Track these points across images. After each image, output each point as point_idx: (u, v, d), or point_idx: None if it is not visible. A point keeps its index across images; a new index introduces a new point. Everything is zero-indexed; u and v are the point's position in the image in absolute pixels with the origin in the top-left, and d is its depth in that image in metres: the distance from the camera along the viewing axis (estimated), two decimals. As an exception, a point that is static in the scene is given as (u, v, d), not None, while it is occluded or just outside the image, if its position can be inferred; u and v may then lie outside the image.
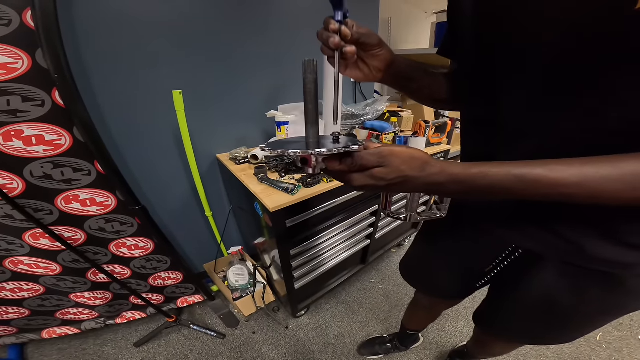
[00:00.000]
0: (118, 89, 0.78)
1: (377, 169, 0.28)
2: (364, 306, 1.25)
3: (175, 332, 1.12)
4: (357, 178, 0.29)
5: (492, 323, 0.58)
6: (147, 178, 0.95)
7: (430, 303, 0.76)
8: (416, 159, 0.28)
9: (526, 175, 0.26)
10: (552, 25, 0.27)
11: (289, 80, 1.13)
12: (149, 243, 0.88)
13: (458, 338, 1.10)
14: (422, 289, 0.73)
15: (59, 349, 1.05)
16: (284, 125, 0.97)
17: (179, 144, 0.94)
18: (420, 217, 0.40)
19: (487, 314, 0.58)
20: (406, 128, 1.24)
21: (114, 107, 0.79)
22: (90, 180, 0.67)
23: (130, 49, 0.76)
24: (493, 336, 0.63)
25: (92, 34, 0.70)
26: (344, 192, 0.86)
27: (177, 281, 1.04)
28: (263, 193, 0.72)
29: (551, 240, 0.37)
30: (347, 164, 0.28)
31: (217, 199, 1.15)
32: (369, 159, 0.28)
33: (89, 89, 0.73)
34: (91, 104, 0.72)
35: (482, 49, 0.35)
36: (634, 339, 1.10)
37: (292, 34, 1.05)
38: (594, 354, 1.04)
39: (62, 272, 0.84)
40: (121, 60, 0.76)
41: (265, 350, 1.05)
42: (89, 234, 0.77)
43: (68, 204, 0.69)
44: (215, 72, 0.93)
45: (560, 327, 0.45)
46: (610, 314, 0.41)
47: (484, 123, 0.39)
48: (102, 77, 0.75)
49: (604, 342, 1.08)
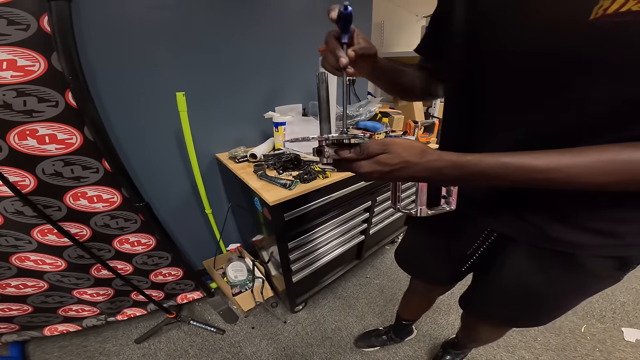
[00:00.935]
0: (123, 91, 0.82)
1: (382, 156, 0.32)
2: (359, 301, 1.29)
3: (175, 328, 1.14)
4: (365, 165, 0.32)
5: (473, 305, 0.62)
6: (149, 176, 0.98)
7: (425, 289, 0.80)
8: (415, 146, 0.32)
9: (513, 162, 0.30)
10: (523, 33, 0.32)
11: (286, 82, 1.19)
12: (151, 239, 0.91)
13: (450, 330, 1.14)
14: (416, 275, 0.77)
15: (60, 346, 1.07)
16: (281, 126, 1.02)
17: (180, 143, 0.98)
18: (430, 211, 0.41)
19: (468, 296, 0.63)
20: (397, 128, 1.30)
21: (119, 109, 0.83)
22: (98, 177, 0.70)
23: (134, 52, 0.80)
24: (475, 318, 0.67)
25: (98, 39, 0.74)
26: (339, 187, 0.91)
27: (177, 277, 1.07)
28: (263, 189, 0.77)
29: (520, 224, 0.42)
30: (356, 152, 0.32)
31: (216, 197, 1.19)
32: (374, 147, 0.32)
33: (95, 92, 0.77)
34: (98, 106, 0.76)
35: (466, 51, 0.39)
36: (616, 330, 1.14)
37: (289, 37, 1.11)
38: (579, 345, 1.08)
39: (67, 267, 0.86)
40: (126, 64, 0.80)
41: (264, 345, 1.08)
42: (94, 230, 0.80)
43: (76, 201, 0.72)
44: (215, 74, 0.98)
45: (533, 308, 0.49)
46: (577, 294, 0.45)
47: (463, 117, 0.44)
48: (108, 80, 0.79)
49: (588, 333, 1.13)
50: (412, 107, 1.38)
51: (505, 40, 0.34)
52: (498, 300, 0.53)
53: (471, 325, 0.74)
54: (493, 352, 1.05)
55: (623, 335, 1.12)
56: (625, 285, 1.38)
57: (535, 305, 0.48)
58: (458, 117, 0.46)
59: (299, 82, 1.23)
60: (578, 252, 0.39)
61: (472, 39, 0.38)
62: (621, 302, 1.29)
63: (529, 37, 0.31)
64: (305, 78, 1.23)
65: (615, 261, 0.38)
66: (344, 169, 0.35)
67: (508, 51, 0.34)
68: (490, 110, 0.39)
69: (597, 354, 1.05)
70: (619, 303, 1.28)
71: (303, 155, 0.92)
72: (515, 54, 0.33)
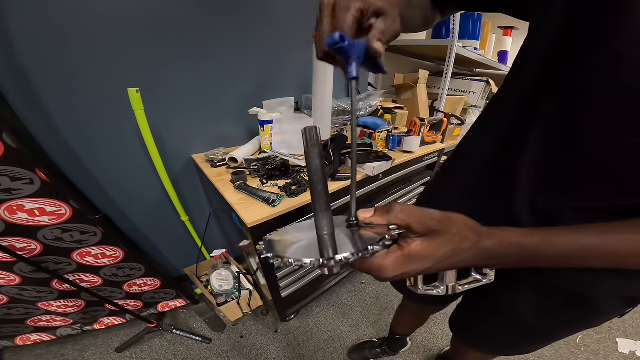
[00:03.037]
0: (70, 90, 0.67)
1: (423, 243, 0.21)
2: (354, 309, 1.23)
3: (158, 336, 1.08)
4: (391, 265, 0.21)
5: (460, 329, 0.59)
6: (114, 183, 0.85)
7: (417, 307, 0.76)
8: (470, 225, 0.23)
9: (598, 246, 0.23)
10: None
11: (274, 72, 1.02)
12: (117, 251, 0.81)
13: (445, 341, 1.09)
14: (407, 294, 0.71)
15: (37, 354, 1.01)
16: (267, 125, 0.88)
17: (145, 146, 0.84)
18: (461, 287, 0.30)
19: (456, 320, 0.59)
20: (400, 125, 1.16)
21: (68, 111, 0.69)
22: (34, 189, 0.59)
23: (77, 48, 0.64)
24: (463, 343, 0.63)
25: (30, 38, 0.58)
26: (333, 199, 0.79)
27: (154, 287, 0.99)
28: (240, 204, 0.65)
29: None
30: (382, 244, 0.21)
31: (196, 201, 1.07)
32: (417, 227, 0.21)
33: (30, 92, 0.62)
34: (34, 108, 0.63)
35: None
36: (611, 341, 1.12)
37: (276, 22, 0.93)
38: (573, 357, 1.05)
39: (23, 282, 0.77)
40: (68, 57, 0.64)
41: (253, 355, 1.02)
42: (45, 244, 0.70)
43: (13, 214, 0.61)
44: (186, 64, 0.81)
45: (522, 340, 0.45)
46: (574, 328, 0.40)
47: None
48: (48, 78, 0.63)
49: (582, 344, 1.10)
50: (417, 101, 1.22)
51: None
52: (486, 328, 0.50)
53: (460, 351, 0.70)
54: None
55: (617, 347, 1.10)
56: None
57: (525, 338, 0.44)
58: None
59: (292, 71, 1.06)
60: (588, 291, 0.33)
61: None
62: (621, 312, 1.25)
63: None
64: (301, 66, 1.06)
65: (627, 299, 0.34)
66: (360, 269, 0.23)
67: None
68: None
69: (589, 366, 1.02)
70: (618, 313, 1.24)
71: (292, 160, 0.79)
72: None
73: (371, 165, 0.80)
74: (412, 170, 1.08)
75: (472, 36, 1.32)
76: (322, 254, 0.19)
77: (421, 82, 1.21)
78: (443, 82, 1.25)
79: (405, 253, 0.21)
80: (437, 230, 0.21)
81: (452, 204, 0.39)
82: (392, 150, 1.00)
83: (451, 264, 0.23)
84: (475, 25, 1.31)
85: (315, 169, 0.22)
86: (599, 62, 0.23)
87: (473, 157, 0.39)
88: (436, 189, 0.48)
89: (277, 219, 0.64)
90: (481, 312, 0.49)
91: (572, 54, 0.25)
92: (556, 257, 0.23)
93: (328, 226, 0.23)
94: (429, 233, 0.21)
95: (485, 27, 1.40)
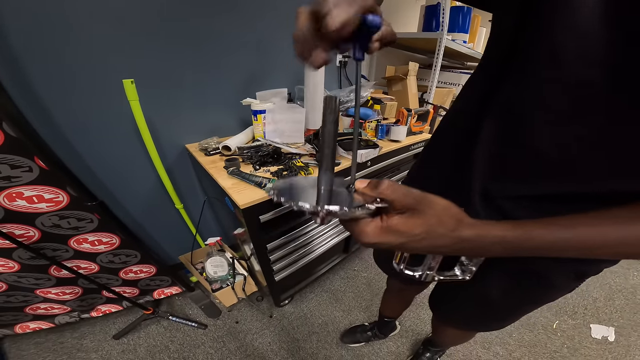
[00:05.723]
0: (66, 80, 0.68)
1: (402, 219, 0.23)
2: (347, 294, 1.27)
3: (154, 323, 1.11)
4: (371, 232, 0.23)
5: (436, 308, 0.62)
6: (110, 172, 0.87)
7: (398, 288, 0.79)
8: (453, 213, 0.23)
9: (574, 238, 0.23)
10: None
11: (267, 64, 1.04)
12: (113, 238, 0.83)
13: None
14: (390, 273, 0.75)
15: (36, 342, 1.03)
16: (260, 114, 0.90)
17: (140, 135, 0.85)
18: (437, 277, 0.33)
19: (433, 299, 0.63)
20: (389, 116, 1.19)
21: (64, 101, 0.70)
22: (33, 177, 0.60)
23: (73, 40, 0.66)
24: (440, 321, 0.67)
25: (22, 29, 0.59)
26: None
27: (150, 274, 1.01)
28: (233, 188, 0.67)
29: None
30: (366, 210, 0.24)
31: (190, 190, 1.09)
32: (400, 201, 0.23)
33: (25, 82, 0.64)
34: (31, 97, 0.65)
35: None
36: (585, 327, 1.16)
37: (270, 15, 0.94)
38: (550, 342, 1.10)
39: (21, 269, 0.79)
40: (64, 46, 0.65)
41: (248, 340, 1.06)
42: (43, 230, 0.71)
43: (12, 202, 0.63)
44: (182, 56, 0.82)
45: (489, 316, 0.49)
46: (534, 305, 0.44)
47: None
48: (44, 67, 0.65)
49: (559, 330, 1.15)
50: (407, 92, 1.25)
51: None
52: (457, 305, 0.54)
53: (439, 329, 0.74)
54: (470, 349, 1.06)
55: (591, 332, 1.14)
56: (600, 280, 1.39)
57: (492, 315, 0.49)
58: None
59: (285, 63, 1.08)
60: (546, 271, 0.37)
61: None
62: (593, 298, 1.30)
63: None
64: (294, 58, 1.07)
65: (576, 274, 0.37)
66: (346, 228, 0.26)
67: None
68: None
69: (565, 351, 1.07)
70: (591, 299, 1.30)
71: (284, 148, 0.81)
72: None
73: (359, 152, 0.83)
74: (400, 159, 1.12)
75: (462, 29, 1.34)
76: (317, 203, 0.22)
77: (411, 74, 1.24)
78: (432, 74, 1.27)
79: (384, 225, 0.23)
80: (415, 209, 0.23)
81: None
82: (381, 139, 1.04)
83: (427, 246, 0.24)
84: (465, 19, 1.33)
85: (328, 132, 0.25)
86: (541, 54, 0.24)
87: (442, 148, 0.42)
88: (410, 180, 0.51)
89: (269, 201, 0.67)
90: (453, 291, 0.53)
91: (524, 45, 0.26)
92: (535, 249, 0.24)
93: (327, 183, 0.26)
94: (407, 211, 0.23)
95: (475, 21, 1.43)
